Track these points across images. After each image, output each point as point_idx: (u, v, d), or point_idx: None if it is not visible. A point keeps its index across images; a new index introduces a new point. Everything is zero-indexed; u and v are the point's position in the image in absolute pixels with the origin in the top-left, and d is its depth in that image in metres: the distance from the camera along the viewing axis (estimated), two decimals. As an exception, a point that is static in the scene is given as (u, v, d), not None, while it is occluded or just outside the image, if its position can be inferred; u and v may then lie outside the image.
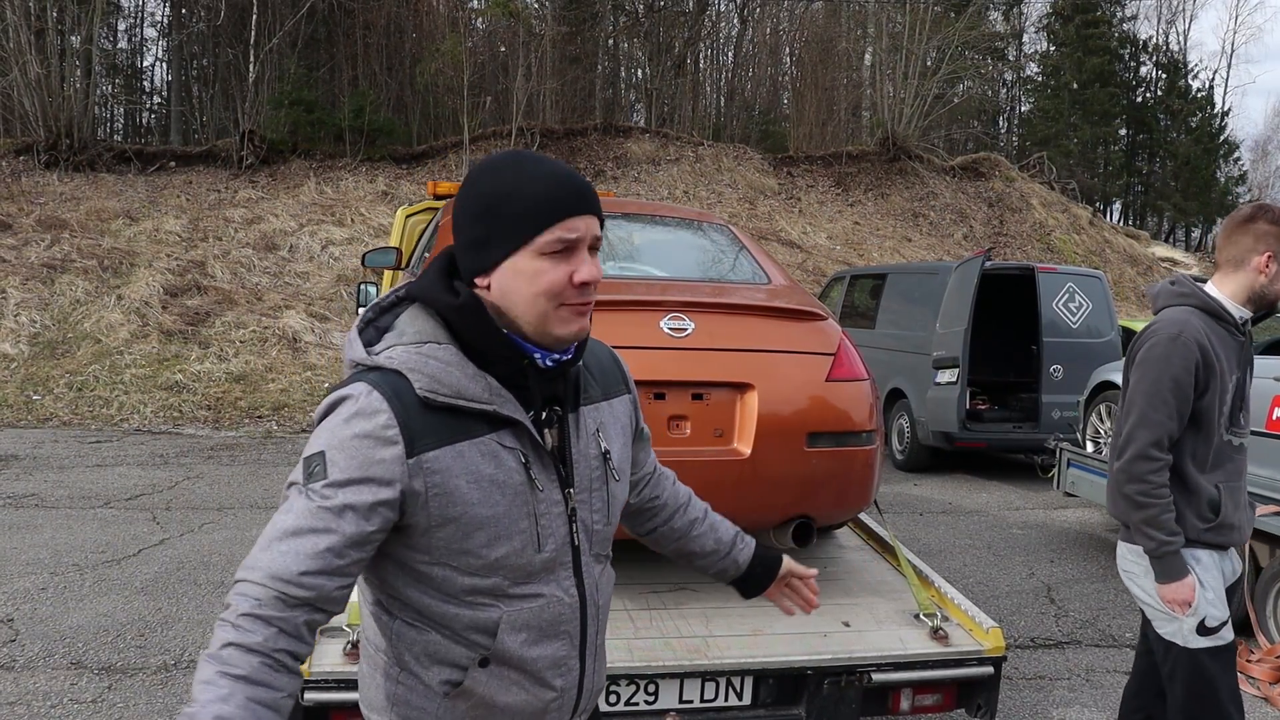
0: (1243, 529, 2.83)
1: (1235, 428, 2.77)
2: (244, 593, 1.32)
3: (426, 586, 1.45)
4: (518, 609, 1.47)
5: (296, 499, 1.37)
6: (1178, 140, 39.63)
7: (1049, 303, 9.99)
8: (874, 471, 3.53)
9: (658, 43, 27.18)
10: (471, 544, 1.42)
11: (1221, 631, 2.76)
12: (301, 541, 1.33)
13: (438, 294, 1.45)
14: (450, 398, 1.40)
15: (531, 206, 1.39)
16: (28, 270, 15.25)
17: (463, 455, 1.40)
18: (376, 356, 1.43)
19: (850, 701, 3.02)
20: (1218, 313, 2.71)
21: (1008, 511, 8.70)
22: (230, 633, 1.28)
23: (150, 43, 30.63)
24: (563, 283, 1.41)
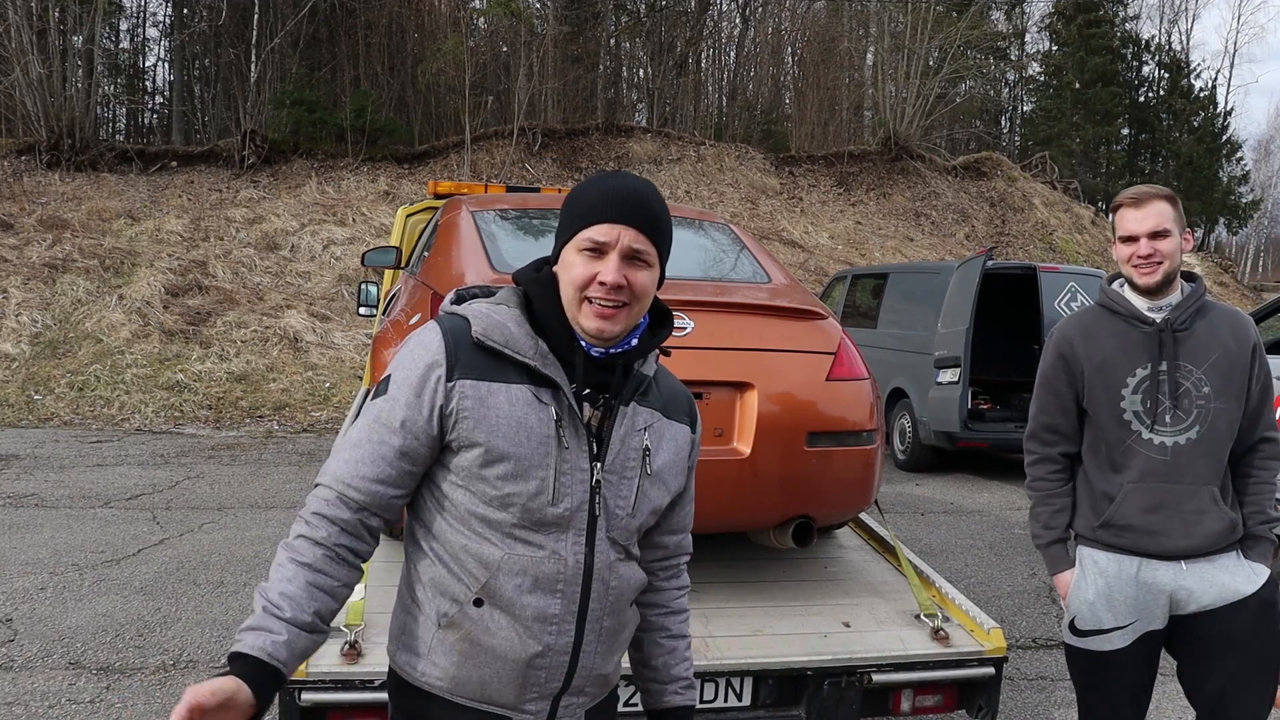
0: (1160, 535, 2.57)
1: (1159, 425, 2.56)
2: (317, 494, 1.59)
3: (447, 510, 1.62)
4: (520, 553, 1.59)
5: (366, 413, 1.62)
6: (1180, 140, 39.57)
7: (1051, 302, 9.96)
8: (875, 471, 3.51)
9: (659, 42, 27.17)
10: (490, 472, 1.57)
11: (1095, 638, 2.68)
12: (360, 450, 1.59)
13: (525, 270, 1.70)
14: (499, 344, 1.59)
15: (581, 209, 1.61)
16: (29, 270, 15.25)
17: (495, 393, 1.58)
18: (458, 307, 1.67)
19: (851, 702, 3.00)
20: (1110, 307, 2.66)
21: (1009, 511, 8.68)
22: (302, 527, 1.56)
23: (152, 42, 30.63)
24: (587, 278, 1.58)
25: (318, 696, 2.68)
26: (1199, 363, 2.56)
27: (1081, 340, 2.69)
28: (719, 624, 3.18)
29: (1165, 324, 2.57)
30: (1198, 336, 2.57)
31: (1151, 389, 2.57)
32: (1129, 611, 2.64)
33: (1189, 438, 2.56)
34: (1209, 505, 2.56)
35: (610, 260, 1.58)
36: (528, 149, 21.72)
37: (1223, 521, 2.57)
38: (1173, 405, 2.56)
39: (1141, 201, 2.55)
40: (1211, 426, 2.55)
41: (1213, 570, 2.58)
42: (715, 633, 3.11)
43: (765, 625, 3.19)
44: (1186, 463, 2.56)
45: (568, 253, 1.61)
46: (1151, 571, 2.61)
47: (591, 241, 1.58)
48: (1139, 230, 2.54)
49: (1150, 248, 2.53)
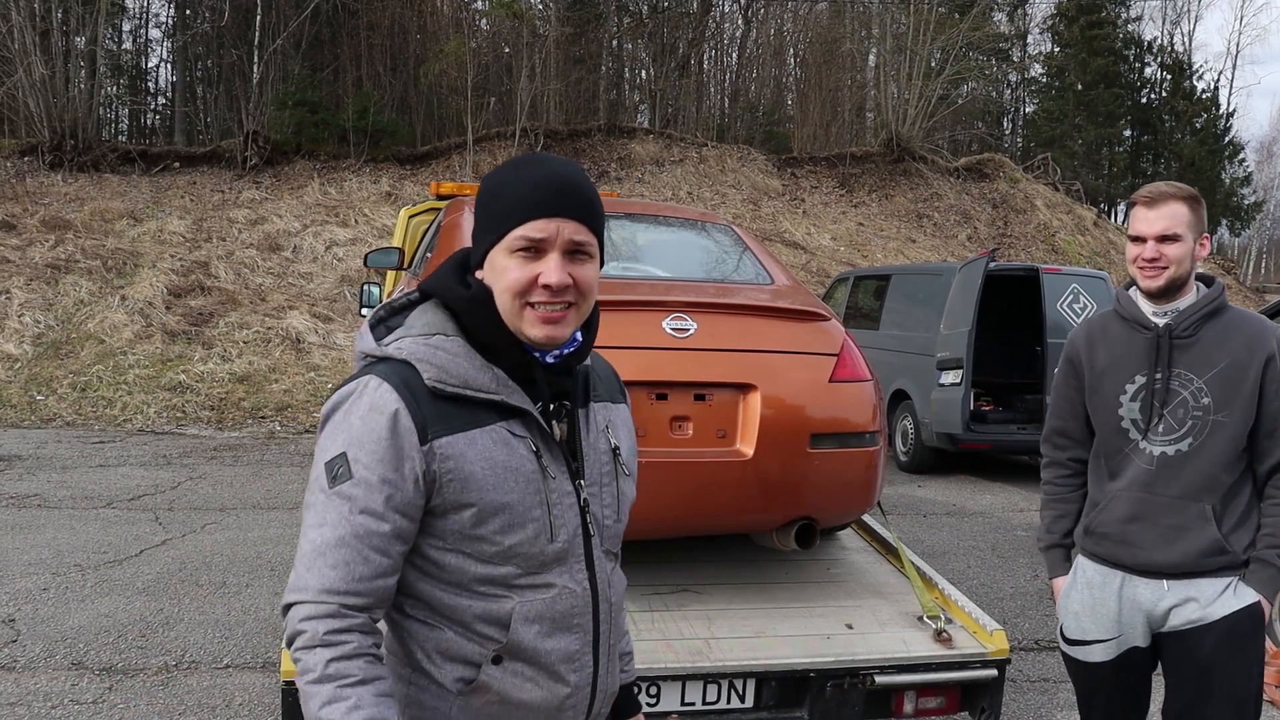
0: (1135, 547, 2.49)
1: (1151, 434, 2.47)
2: (309, 616, 1.34)
3: (439, 578, 1.45)
4: (530, 599, 1.46)
5: (328, 507, 1.38)
6: (1182, 141, 39.55)
7: (1053, 304, 9.96)
8: (877, 473, 3.51)
9: (662, 44, 27.16)
10: (486, 530, 1.42)
11: (1079, 648, 2.64)
12: (347, 551, 1.36)
13: (449, 287, 1.48)
14: (458, 387, 1.42)
15: (507, 205, 1.43)
16: (32, 271, 15.27)
17: (475, 442, 1.41)
18: (386, 348, 1.45)
19: (853, 704, 3.00)
20: (1119, 311, 2.58)
21: (1012, 513, 8.68)
22: (325, 652, 1.33)
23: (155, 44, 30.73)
24: (527, 282, 1.42)
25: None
26: (1201, 372, 2.44)
27: (1086, 345, 2.64)
28: (722, 625, 3.18)
29: (1166, 330, 2.47)
30: (1203, 344, 2.45)
31: (1148, 397, 2.49)
32: (1111, 626, 2.58)
33: (1179, 449, 2.46)
34: (1193, 522, 2.45)
35: (551, 259, 1.41)
36: (530, 150, 21.68)
37: (1204, 540, 2.44)
38: (1166, 414, 2.47)
39: (1155, 202, 2.44)
40: (1208, 440, 2.43)
41: (1194, 592, 2.48)
42: (718, 634, 3.11)
43: (768, 627, 3.19)
44: (1172, 475, 2.46)
45: (498, 256, 1.43)
46: (1133, 588, 2.54)
47: (527, 240, 1.41)
48: (1147, 232, 2.43)
49: (1156, 251, 2.42)
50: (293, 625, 1.36)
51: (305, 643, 1.34)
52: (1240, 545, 2.47)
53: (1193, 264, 2.47)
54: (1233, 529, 2.47)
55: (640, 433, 3.16)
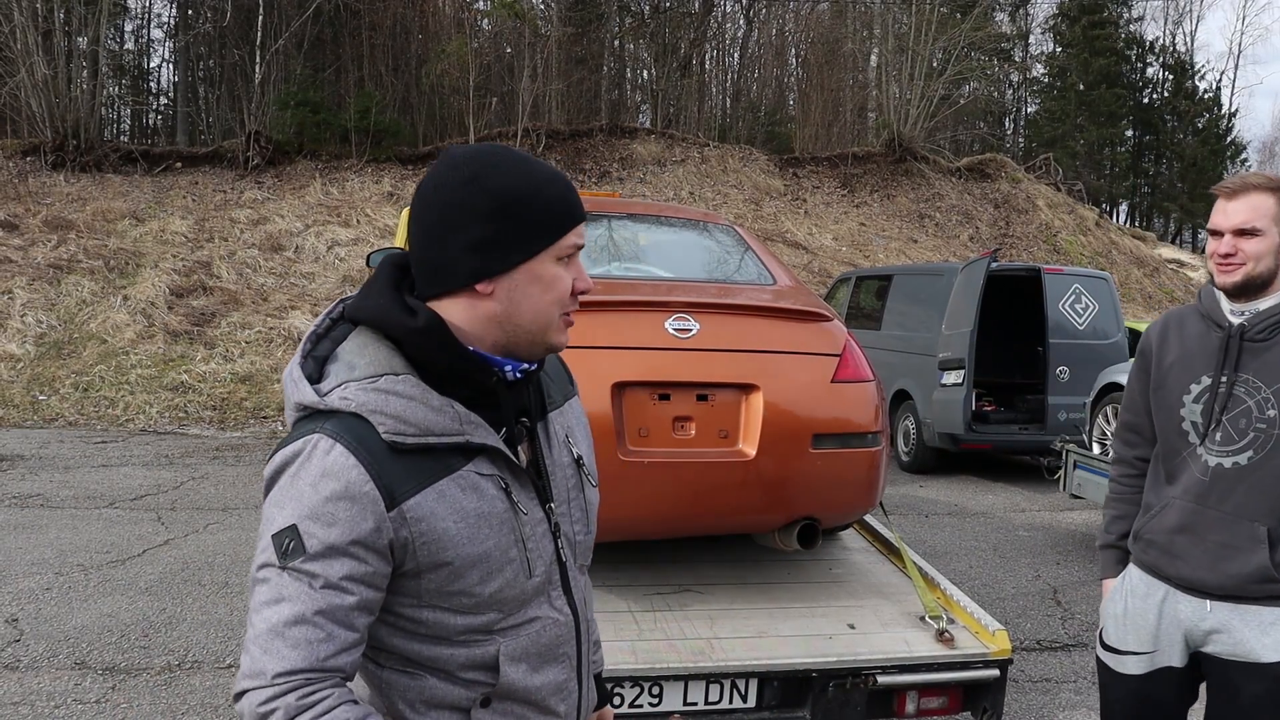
0: (1179, 560, 2.32)
1: (1209, 441, 2.28)
2: (271, 697, 1.20)
3: (415, 633, 1.35)
4: (514, 638, 1.38)
5: (282, 583, 1.22)
6: (1184, 141, 39.58)
7: (1055, 304, 9.97)
8: (879, 473, 3.51)
9: (663, 44, 27.19)
10: (464, 584, 1.32)
11: (1113, 655, 2.50)
12: (308, 629, 1.21)
13: (391, 316, 1.31)
14: (419, 436, 1.28)
15: (553, 209, 1.32)
16: (34, 271, 15.28)
17: (444, 495, 1.29)
18: (328, 398, 1.28)
19: (855, 704, 3.00)
20: (1199, 306, 2.40)
21: (1014, 513, 8.68)
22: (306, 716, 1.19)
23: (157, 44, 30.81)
24: (569, 290, 1.35)
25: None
26: (1271, 380, 2.22)
27: (1159, 338, 2.46)
28: (724, 625, 3.18)
29: (1238, 330, 2.26)
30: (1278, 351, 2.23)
31: (1210, 400, 2.29)
32: (1148, 640, 2.42)
33: (1236, 462, 2.24)
34: (1244, 542, 2.23)
35: (579, 264, 1.36)
36: (532, 150, 21.71)
37: (1253, 565, 2.21)
38: (1226, 422, 2.26)
39: (1236, 193, 2.24)
40: (1270, 455, 2.21)
41: (1239, 620, 2.26)
42: (720, 634, 3.11)
43: (770, 627, 3.19)
44: (1227, 488, 2.25)
45: (544, 265, 1.32)
46: (1174, 604, 2.36)
47: (577, 247, 1.34)
48: (1224, 225, 2.24)
49: (1232, 245, 2.23)
50: (253, 711, 1.20)
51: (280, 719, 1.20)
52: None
53: (1277, 261, 2.24)
54: None
55: (643, 433, 3.18)
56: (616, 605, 3.30)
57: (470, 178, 1.31)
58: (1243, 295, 2.27)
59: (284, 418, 12.59)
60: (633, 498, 3.12)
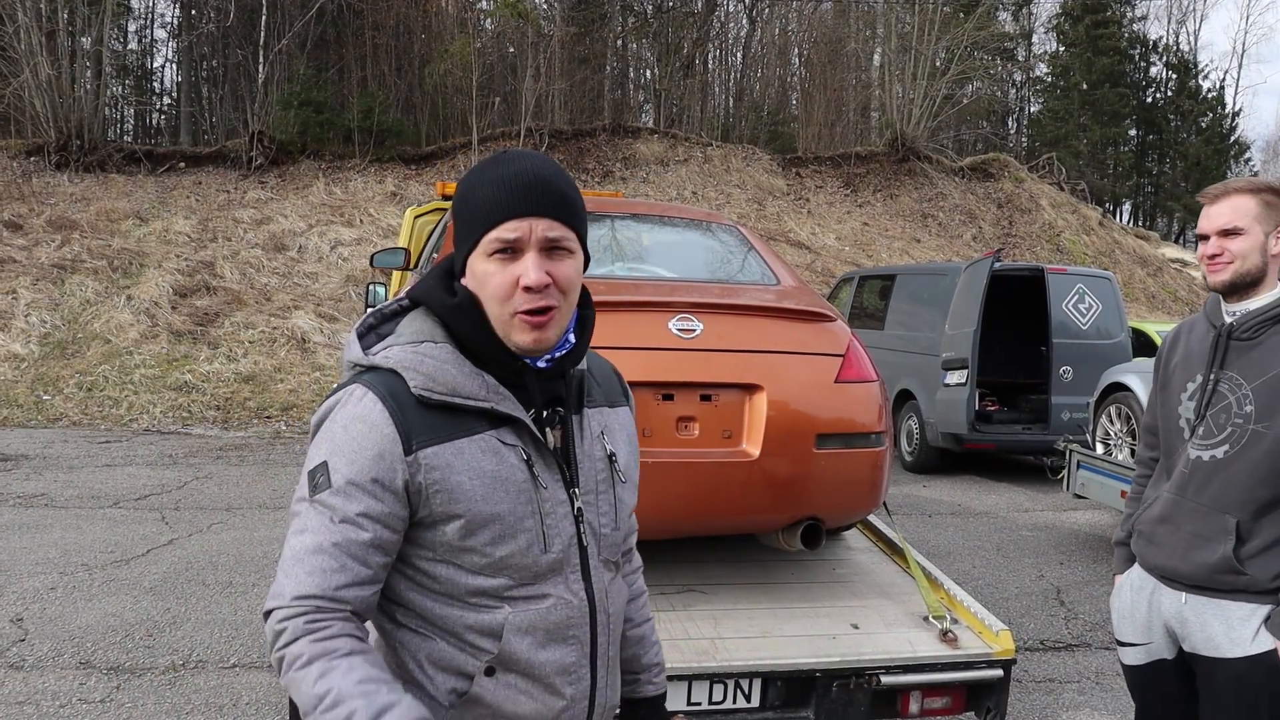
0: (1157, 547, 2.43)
1: (1195, 436, 2.37)
2: (287, 616, 1.33)
3: (429, 588, 1.43)
4: (524, 610, 1.43)
5: (309, 515, 1.36)
6: (1188, 141, 39.54)
7: (1059, 304, 9.96)
8: (883, 473, 3.51)
9: (666, 43, 27.19)
10: (476, 541, 1.39)
11: (1121, 649, 2.61)
12: (324, 558, 1.34)
13: (435, 294, 1.46)
14: (446, 395, 1.39)
15: (479, 207, 1.40)
16: (38, 271, 15.31)
17: (462, 452, 1.38)
18: (373, 356, 1.43)
19: (859, 704, 3.00)
20: (1205, 313, 2.48)
21: (1017, 513, 8.67)
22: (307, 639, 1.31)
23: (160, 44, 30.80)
24: (509, 286, 1.39)
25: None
26: (1251, 377, 2.29)
27: (1171, 341, 2.58)
28: (728, 626, 3.18)
29: (1227, 329, 2.36)
30: (1264, 349, 2.30)
31: (1200, 396, 2.39)
32: (1142, 632, 2.52)
33: (1214, 455, 2.33)
34: (1214, 533, 2.30)
35: (528, 258, 1.38)
36: (534, 150, 21.71)
37: (1217, 555, 2.28)
38: (1209, 417, 2.36)
39: (1218, 197, 2.36)
40: (1245, 449, 2.27)
41: (1209, 613, 2.34)
42: (724, 634, 3.12)
43: (774, 627, 3.19)
44: (1203, 480, 2.34)
45: (476, 262, 1.41)
46: (1160, 596, 2.46)
47: (501, 242, 1.38)
48: (1208, 227, 2.35)
49: (1218, 246, 2.33)
50: (272, 628, 1.34)
51: (286, 639, 1.32)
52: (1264, 572, 2.25)
53: (1265, 259, 2.32)
54: (1257, 552, 2.26)
55: (646, 433, 3.18)
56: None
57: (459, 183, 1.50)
58: (1235, 294, 2.35)
59: (287, 417, 12.63)
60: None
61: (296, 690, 1.30)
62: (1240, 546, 2.27)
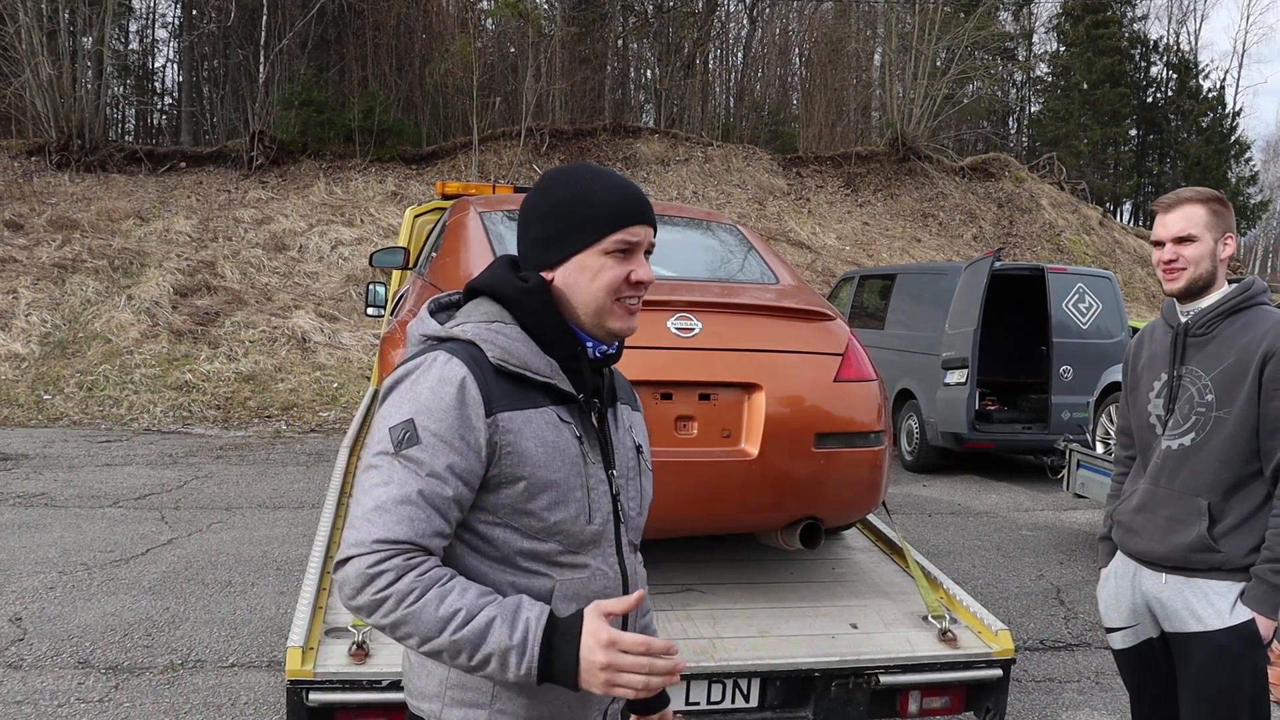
0: (1137, 534, 2.61)
1: (1166, 429, 2.57)
2: (377, 561, 1.38)
3: (484, 552, 1.52)
4: (569, 578, 1.54)
5: (392, 468, 1.43)
6: (1188, 141, 39.47)
7: (1059, 303, 9.95)
8: (882, 472, 3.51)
9: (667, 43, 27.16)
10: (535, 505, 1.51)
11: (1110, 635, 2.79)
12: (411, 508, 1.41)
13: (507, 280, 1.58)
14: (519, 368, 1.52)
15: (603, 211, 1.55)
16: (39, 270, 15.31)
17: (531, 420, 1.51)
18: (450, 329, 1.55)
19: (858, 704, 3.00)
20: (1165, 317, 2.68)
21: (1017, 513, 8.67)
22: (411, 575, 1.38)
23: (161, 44, 30.77)
24: (621, 280, 1.55)
25: (325, 696, 2.69)
26: (1209, 369, 2.50)
27: (1136, 346, 2.78)
28: (727, 625, 3.18)
29: (1183, 328, 2.56)
30: (1218, 342, 2.50)
31: (1167, 393, 2.59)
32: (1129, 614, 2.70)
33: (1181, 443, 2.53)
34: (1189, 516, 2.49)
35: (640, 259, 1.57)
36: (535, 150, 21.74)
37: (1191, 535, 2.47)
38: (1176, 410, 2.55)
39: (1171, 206, 2.52)
40: (1210, 436, 2.47)
41: (1187, 590, 2.51)
42: (723, 634, 3.11)
43: (773, 627, 3.19)
44: (1175, 468, 2.54)
45: (591, 257, 1.55)
46: (1141, 578, 2.64)
47: (625, 244, 1.55)
48: (1164, 235, 2.52)
49: (1173, 253, 2.50)
50: (360, 572, 1.38)
51: (390, 578, 1.37)
52: (1237, 549, 2.45)
53: (1215, 264, 2.51)
54: (1229, 530, 2.46)
55: (645, 432, 3.17)
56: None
57: (543, 188, 1.61)
58: (1189, 297, 2.55)
59: (287, 417, 12.62)
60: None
61: (416, 622, 1.36)
62: (1213, 526, 2.47)
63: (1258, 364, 2.42)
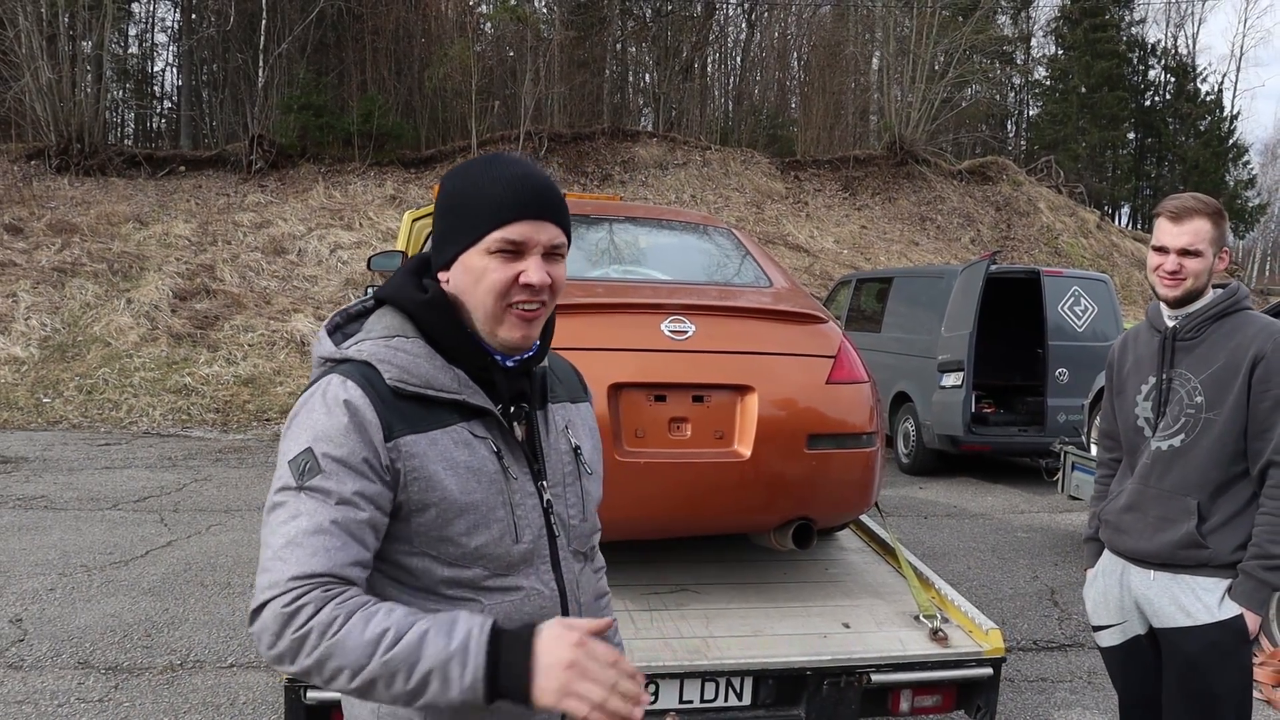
0: (1125, 534, 2.68)
1: (1157, 430, 2.63)
2: (296, 597, 1.26)
3: (406, 583, 1.43)
4: (498, 601, 1.44)
5: (299, 501, 1.33)
6: (1186, 144, 39.53)
7: (1054, 306, 9.99)
8: (874, 473, 3.54)
9: (665, 47, 27.24)
10: (451, 531, 1.41)
11: (1096, 633, 2.86)
12: (325, 537, 1.30)
13: (405, 291, 1.48)
14: (420, 387, 1.41)
15: (485, 206, 1.43)
16: (39, 274, 15.35)
17: (436, 442, 1.41)
18: (345, 350, 1.45)
19: (850, 702, 3.03)
20: (1149, 318, 2.74)
21: (1012, 515, 8.70)
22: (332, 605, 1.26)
23: (161, 48, 30.83)
24: (507, 283, 1.43)
25: (322, 694, 2.72)
26: (1198, 371, 2.56)
27: (1120, 350, 2.83)
28: (720, 624, 3.21)
29: (1171, 332, 2.62)
30: (1206, 345, 2.57)
31: (1156, 396, 2.64)
32: (1116, 611, 2.76)
33: (1172, 445, 2.59)
34: (1178, 515, 2.56)
35: (532, 260, 1.43)
36: (534, 153, 21.77)
37: (1180, 533, 2.54)
38: (1167, 412, 2.61)
39: (1181, 217, 2.53)
40: (1199, 437, 2.54)
41: (1175, 587, 2.58)
42: (716, 633, 3.15)
43: (765, 626, 3.22)
44: (1164, 468, 2.60)
45: (474, 257, 1.43)
46: (1129, 576, 2.71)
47: (508, 243, 1.42)
48: (1171, 245, 2.54)
49: (1177, 264, 2.54)
50: (272, 622, 1.26)
51: (308, 613, 1.25)
52: (1224, 545, 2.52)
53: (1210, 277, 2.59)
54: (1216, 528, 2.53)
55: (639, 434, 3.21)
56: (613, 604, 3.32)
57: (444, 180, 1.51)
58: (1181, 304, 2.61)
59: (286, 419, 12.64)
60: (629, 498, 3.14)
61: (341, 652, 1.24)
62: (1202, 524, 2.54)
63: (1247, 367, 2.49)
